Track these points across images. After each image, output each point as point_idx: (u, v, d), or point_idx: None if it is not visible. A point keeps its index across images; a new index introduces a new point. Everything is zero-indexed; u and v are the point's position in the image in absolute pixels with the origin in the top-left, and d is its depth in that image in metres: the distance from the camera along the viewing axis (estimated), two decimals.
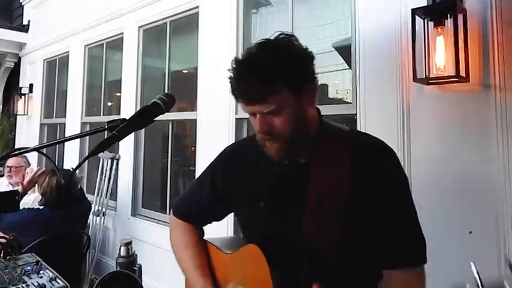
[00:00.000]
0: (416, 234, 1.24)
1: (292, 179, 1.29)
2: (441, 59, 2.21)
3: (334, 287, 1.14)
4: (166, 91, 4.40)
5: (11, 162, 4.54)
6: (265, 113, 1.15)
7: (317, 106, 1.35)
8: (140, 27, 4.83)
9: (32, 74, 7.33)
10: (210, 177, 1.51)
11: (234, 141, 3.43)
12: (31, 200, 4.01)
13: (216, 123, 3.65)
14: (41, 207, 3.57)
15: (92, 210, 4.55)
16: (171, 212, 1.66)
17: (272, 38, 1.21)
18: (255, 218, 1.37)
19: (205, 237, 1.60)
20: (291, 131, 1.18)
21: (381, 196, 1.19)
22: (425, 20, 2.28)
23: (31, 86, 7.21)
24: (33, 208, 3.61)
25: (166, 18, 4.47)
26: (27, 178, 4.53)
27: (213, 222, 1.60)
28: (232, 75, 1.19)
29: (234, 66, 1.19)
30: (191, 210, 1.57)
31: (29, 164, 4.79)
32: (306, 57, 1.22)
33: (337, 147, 1.26)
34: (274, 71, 1.12)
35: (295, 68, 1.16)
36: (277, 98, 1.13)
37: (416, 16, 2.28)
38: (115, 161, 4.71)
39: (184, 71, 4.94)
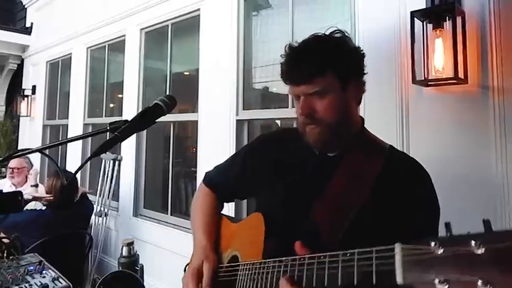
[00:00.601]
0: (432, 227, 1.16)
1: (317, 170, 1.29)
2: (440, 60, 2.21)
3: None
4: (167, 93, 4.40)
5: (13, 163, 4.56)
6: (310, 93, 1.18)
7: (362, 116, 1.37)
8: (142, 29, 4.84)
9: (34, 76, 7.35)
10: (241, 159, 1.57)
11: (234, 143, 3.45)
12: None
13: (217, 124, 3.66)
14: (43, 208, 3.59)
15: (94, 211, 4.56)
16: (203, 178, 1.71)
17: (327, 33, 1.25)
18: (270, 200, 1.38)
19: None
20: (332, 119, 1.19)
21: (401, 219, 1.10)
22: (424, 22, 2.28)
23: (34, 87, 7.23)
24: (35, 209, 3.62)
25: (167, 20, 4.48)
26: (30, 180, 4.57)
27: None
28: (284, 59, 1.24)
29: (288, 51, 1.24)
30: (219, 182, 1.63)
31: (32, 165, 4.81)
32: (357, 53, 1.25)
33: (370, 152, 1.26)
34: (323, 55, 1.17)
35: (344, 58, 1.20)
36: (323, 80, 1.16)
37: (415, 18, 2.28)
38: (117, 162, 4.72)
39: (185, 73, 4.94)
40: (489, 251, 0.54)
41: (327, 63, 1.16)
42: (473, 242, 0.56)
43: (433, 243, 0.62)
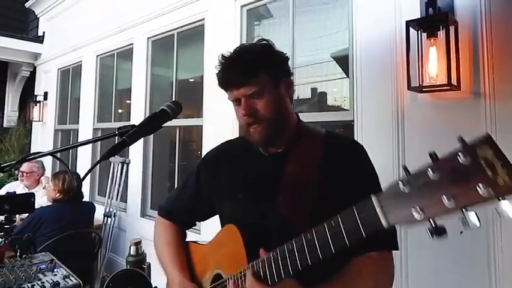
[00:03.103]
0: None
1: (270, 168, 1.34)
2: (434, 68, 2.22)
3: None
4: (173, 99, 4.41)
5: (24, 167, 4.61)
6: (249, 95, 1.25)
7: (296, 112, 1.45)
8: (149, 38, 4.86)
9: (46, 83, 7.38)
10: (194, 177, 1.57)
11: None
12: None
13: (221, 129, 3.66)
14: (50, 204, 3.63)
15: (104, 211, 4.58)
16: (158, 212, 1.68)
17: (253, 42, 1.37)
18: (234, 211, 1.39)
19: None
20: (272, 115, 1.26)
21: (351, 186, 1.17)
22: (419, 32, 2.29)
23: (46, 94, 7.26)
24: (42, 206, 3.66)
25: (173, 29, 4.51)
26: (42, 183, 4.60)
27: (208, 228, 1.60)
28: (219, 68, 1.32)
29: (222, 60, 1.32)
30: (175, 209, 1.61)
31: (44, 169, 4.82)
32: (282, 56, 1.35)
33: (312, 141, 1.33)
34: (254, 59, 1.26)
35: (272, 61, 1.30)
36: (258, 81, 1.24)
37: (410, 28, 2.29)
38: (125, 165, 4.72)
39: (190, 80, 4.96)
40: (442, 173, 0.67)
41: (259, 65, 1.25)
42: (430, 172, 0.69)
43: (400, 184, 0.73)
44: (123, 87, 5.57)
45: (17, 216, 4.04)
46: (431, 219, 0.69)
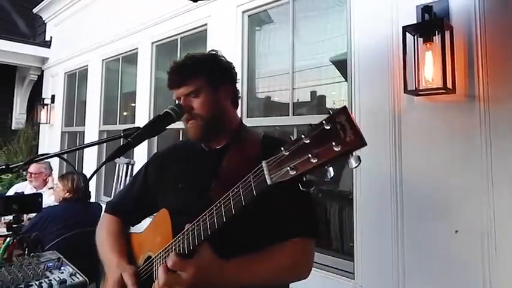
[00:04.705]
0: (309, 212, 1.38)
1: (209, 161, 1.44)
2: (430, 72, 2.22)
3: (225, 248, 1.18)
4: (177, 102, 4.41)
5: (31, 169, 4.62)
6: (186, 94, 1.39)
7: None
8: (153, 43, 4.87)
9: (54, 86, 7.40)
10: (142, 175, 1.66)
11: None
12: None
13: None
14: (57, 203, 3.63)
15: None
16: (104, 209, 1.71)
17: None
18: (173, 199, 1.45)
19: None
20: (206, 113, 1.38)
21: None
22: (415, 37, 2.29)
23: (53, 97, 7.28)
24: (50, 206, 3.66)
25: (177, 34, 4.52)
26: (48, 184, 4.61)
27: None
28: (168, 71, 1.45)
29: (172, 64, 1.46)
30: (121, 205, 1.67)
31: (51, 170, 4.83)
32: (227, 66, 1.51)
33: (250, 141, 1.44)
34: (195, 65, 1.42)
35: (213, 68, 1.43)
36: (196, 83, 1.38)
37: (407, 33, 2.30)
38: (130, 166, 4.73)
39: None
40: (311, 138, 0.82)
41: (198, 70, 1.40)
42: (303, 137, 0.83)
43: (282, 149, 0.88)
44: (128, 91, 5.58)
45: (24, 216, 4.06)
46: (302, 175, 0.84)
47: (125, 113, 5.77)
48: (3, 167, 1.28)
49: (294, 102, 3.25)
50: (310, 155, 0.81)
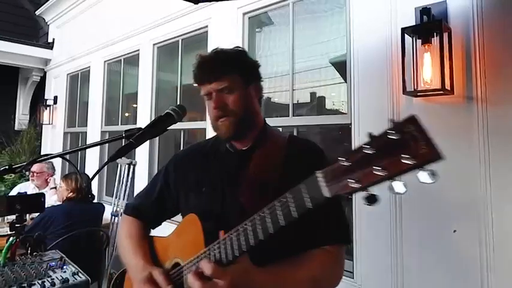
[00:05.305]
0: (341, 218, 1.32)
1: (235, 163, 1.38)
2: (428, 73, 2.22)
3: (257, 254, 1.10)
4: (178, 102, 4.43)
5: (34, 167, 4.64)
6: (220, 89, 1.30)
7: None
8: (155, 44, 4.88)
9: (56, 87, 7.41)
10: (162, 176, 1.58)
11: None
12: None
13: None
14: (60, 203, 3.64)
15: (111, 211, 4.59)
16: (123, 211, 1.66)
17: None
18: (197, 202, 1.39)
19: None
20: (240, 110, 1.31)
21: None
22: (414, 38, 2.30)
23: (55, 98, 7.29)
24: (53, 205, 3.67)
25: (178, 36, 4.53)
26: (50, 184, 4.62)
27: None
28: (196, 66, 1.37)
29: (199, 59, 1.37)
30: (142, 206, 1.60)
31: (54, 170, 4.85)
32: (254, 63, 1.42)
33: (276, 141, 1.39)
34: (229, 59, 1.34)
35: (245, 65, 1.37)
36: (230, 79, 1.30)
37: (405, 34, 2.30)
38: (132, 166, 4.73)
39: (194, 84, 4.95)
40: (376, 148, 0.74)
41: (232, 65, 1.32)
42: (366, 147, 0.75)
43: (340, 159, 0.79)
44: (129, 92, 5.58)
45: (27, 215, 4.06)
46: (365, 188, 0.76)
47: (126, 114, 5.77)
48: (7, 167, 1.29)
49: (294, 103, 3.25)
50: (376, 167, 0.73)
